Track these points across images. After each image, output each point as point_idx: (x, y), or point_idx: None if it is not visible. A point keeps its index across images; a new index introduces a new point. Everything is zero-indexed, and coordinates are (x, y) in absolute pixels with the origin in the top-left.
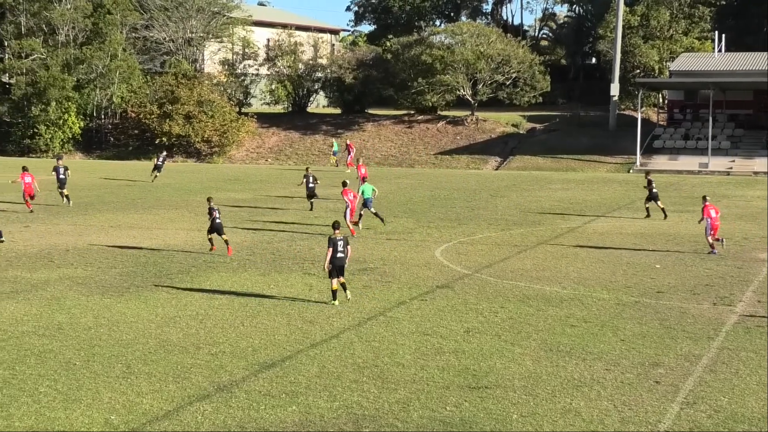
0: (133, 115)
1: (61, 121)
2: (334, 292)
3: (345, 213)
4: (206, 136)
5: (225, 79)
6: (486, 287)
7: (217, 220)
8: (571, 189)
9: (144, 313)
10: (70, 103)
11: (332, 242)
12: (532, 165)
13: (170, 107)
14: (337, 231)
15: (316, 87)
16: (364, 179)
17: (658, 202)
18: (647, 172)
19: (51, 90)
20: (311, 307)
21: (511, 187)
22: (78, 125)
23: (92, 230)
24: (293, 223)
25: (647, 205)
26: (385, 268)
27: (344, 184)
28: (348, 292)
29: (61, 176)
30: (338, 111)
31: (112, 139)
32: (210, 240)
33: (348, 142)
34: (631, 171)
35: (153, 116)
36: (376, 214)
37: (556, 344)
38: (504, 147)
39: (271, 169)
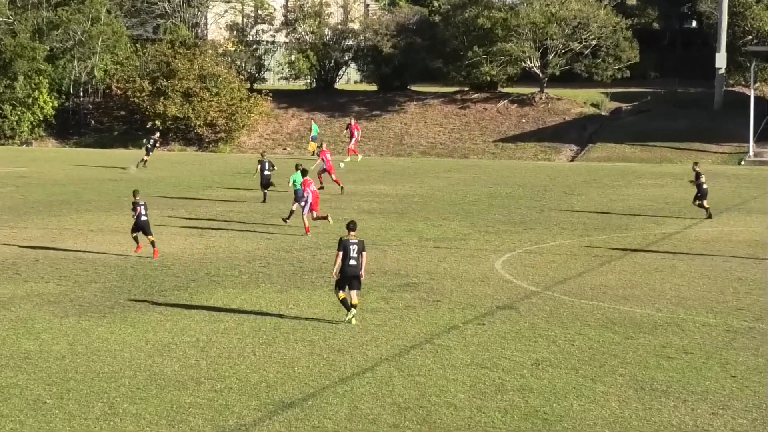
0: (119, 92)
1: (30, 100)
2: (344, 303)
3: (304, 208)
4: (210, 118)
5: (233, 48)
6: (559, 308)
7: (143, 217)
8: (667, 185)
9: (131, 338)
10: (41, 78)
11: (343, 245)
12: (617, 155)
13: (165, 83)
14: (351, 233)
15: (346, 58)
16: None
17: (705, 201)
18: (695, 163)
19: (18, 62)
20: (340, 333)
21: (590, 183)
22: (51, 105)
23: (68, 235)
24: (316, 227)
25: (700, 204)
26: (432, 283)
27: (304, 172)
28: (352, 314)
29: None
30: (374, 88)
31: (92, 122)
32: (135, 239)
33: (352, 122)
34: (742, 162)
35: (143, 94)
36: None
37: (649, 381)
38: (581, 132)
39: (291, 160)
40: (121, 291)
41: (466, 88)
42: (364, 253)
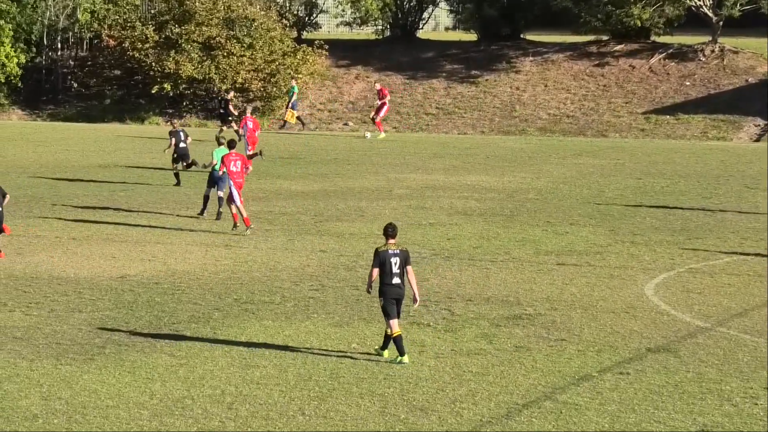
0: (113, 43)
1: None
2: (396, 341)
3: (229, 195)
4: (240, 80)
5: None
6: (737, 352)
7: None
8: None
9: (130, 391)
10: (2, 23)
11: (380, 258)
12: None
13: (177, 30)
14: (390, 240)
15: None
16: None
17: None
18: None
19: None
20: (423, 384)
21: None
22: (16, 61)
23: (40, 245)
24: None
25: None
26: (555, 315)
27: (230, 144)
28: (388, 349)
29: None
30: (473, 37)
31: (75, 85)
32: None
33: (378, 86)
34: None
35: (147, 46)
36: (221, 201)
37: None
38: None
39: (355, 141)
40: (117, 324)
41: (605, 37)
42: (408, 267)
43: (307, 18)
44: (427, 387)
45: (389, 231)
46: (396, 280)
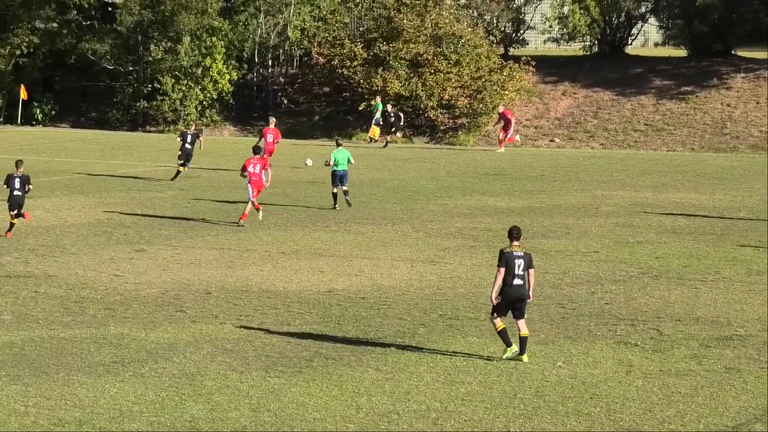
0: (322, 60)
1: (199, 71)
2: (503, 335)
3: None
4: (447, 97)
5: None
6: None
7: (16, 192)
8: None
9: (337, 404)
10: (215, 40)
11: (506, 259)
12: None
13: (385, 47)
14: (514, 242)
15: (643, 10)
16: (270, 152)
17: None
18: None
19: (183, 16)
20: (630, 404)
21: None
22: (228, 77)
23: (250, 259)
24: (595, 252)
25: None
26: (766, 335)
27: (255, 150)
28: (512, 352)
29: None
30: (682, 53)
31: (285, 101)
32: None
33: (502, 109)
34: None
35: (355, 63)
36: (346, 192)
37: None
38: None
39: (560, 155)
40: (324, 337)
41: None
42: (531, 270)
43: (514, 34)
44: (635, 407)
45: (514, 233)
46: (518, 282)
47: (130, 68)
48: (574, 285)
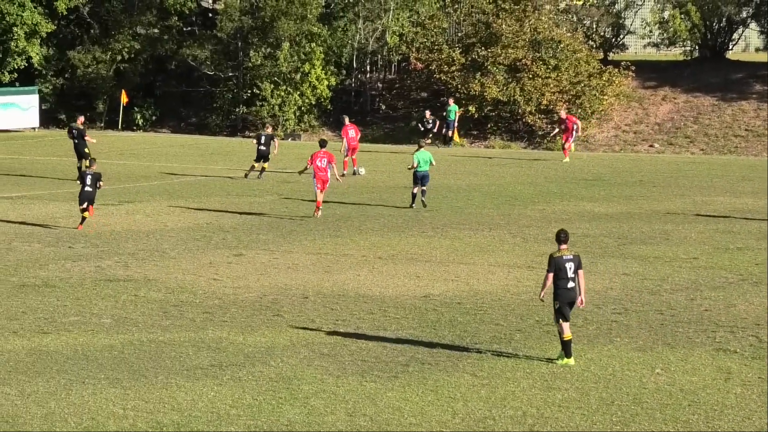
0: (420, 65)
1: (298, 77)
2: (566, 344)
3: (316, 190)
4: (545, 102)
5: (580, 3)
6: None
7: (87, 188)
8: None
9: (433, 409)
10: (314, 46)
11: (555, 263)
12: None
13: (483, 52)
14: (562, 246)
15: (744, 15)
16: (354, 150)
17: None
18: None
19: (283, 22)
20: (729, 411)
21: None
22: (327, 83)
23: (347, 264)
24: (694, 258)
25: None
26: None
27: (321, 143)
28: (566, 358)
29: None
30: None
31: (383, 107)
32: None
33: (564, 114)
34: None
35: (453, 68)
36: (423, 193)
37: None
38: None
39: (659, 161)
40: (420, 342)
41: None
42: (580, 272)
43: (613, 39)
44: (733, 415)
45: (561, 237)
46: (570, 284)
47: (230, 74)
48: (673, 291)
